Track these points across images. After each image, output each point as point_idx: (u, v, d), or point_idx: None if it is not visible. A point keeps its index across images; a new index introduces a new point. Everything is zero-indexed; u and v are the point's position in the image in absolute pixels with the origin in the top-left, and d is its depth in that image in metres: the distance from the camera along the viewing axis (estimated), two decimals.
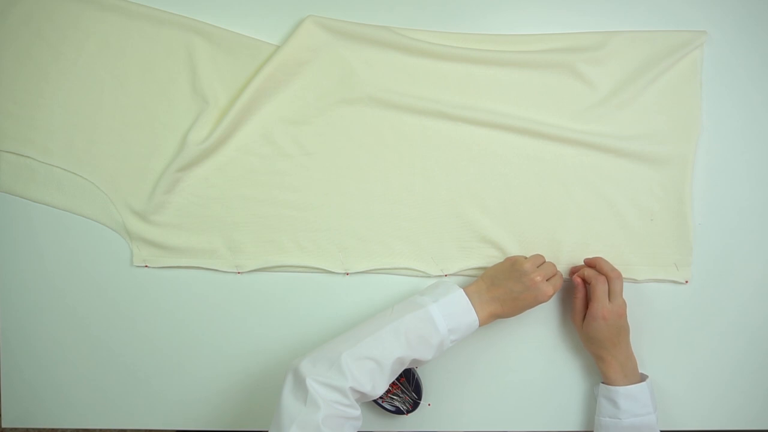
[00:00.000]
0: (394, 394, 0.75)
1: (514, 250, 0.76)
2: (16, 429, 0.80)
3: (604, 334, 0.71)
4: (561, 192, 0.76)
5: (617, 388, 0.71)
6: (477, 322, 0.68)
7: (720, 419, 0.78)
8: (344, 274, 0.77)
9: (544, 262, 0.73)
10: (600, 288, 0.71)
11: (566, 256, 0.76)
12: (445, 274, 0.77)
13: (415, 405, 0.75)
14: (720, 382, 0.78)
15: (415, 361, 0.66)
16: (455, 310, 0.67)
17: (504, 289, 0.70)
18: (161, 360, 0.78)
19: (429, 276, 0.77)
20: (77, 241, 0.78)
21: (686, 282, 0.77)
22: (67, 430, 0.80)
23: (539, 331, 0.78)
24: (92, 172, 0.77)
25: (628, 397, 0.71)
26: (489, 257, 0.77)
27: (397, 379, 0.74)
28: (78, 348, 0.79)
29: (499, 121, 0.75)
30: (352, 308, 0.78)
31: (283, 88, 0.76)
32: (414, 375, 0.75)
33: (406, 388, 0.75)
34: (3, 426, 0.79)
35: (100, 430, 0.80)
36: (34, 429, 0.80)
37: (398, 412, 0.75)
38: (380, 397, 0.75)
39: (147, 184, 0.77)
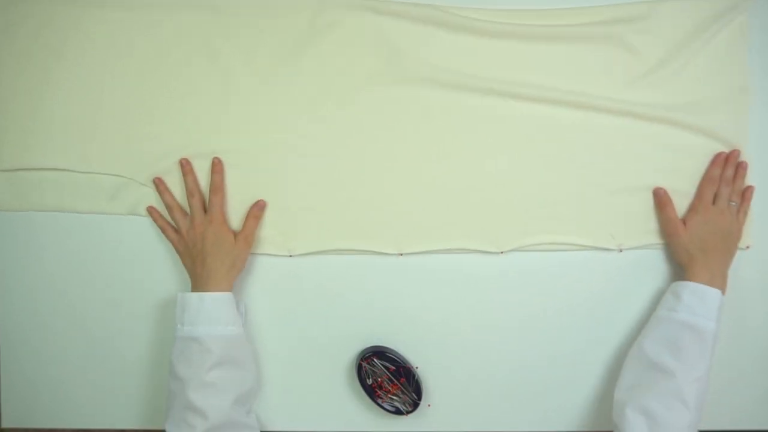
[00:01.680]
0: (394, 395, 0.75)
1: (572, 226, 0.76)
2: (16, 429, 0.80)
3: (703, 232, 0.71)
4: (614, 164, 0.76)
5: (688, 282, 0.69)
6: (207, 296, 0.70)
7: (718, 419, 0.78)
8: (398, 255, 0.77)
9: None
10: (708, 189, 0.73)
11: (625, 227, 0.76)
12: (501, 251, 0.76)
13: (415, 405, 0.75)
14: (718, 382, 0.78)
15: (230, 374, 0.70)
16: (191, 310, 0.70)
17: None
18: (161, 360, 0.78)
19: (486, 253, 0.76)
20: (77, 241, 0.78)
21: (747, 248, 0.76)
22: (67, 430, 0.79)
23: (540, 332, 0.78)
24: (133, 170, 0.76)
25: (695, 294, 0.69)
26: (546, 233, 0.76)
27: (397, 379, 0.74)
28: (78, 348, 0.79)
29: (549, 95, 0.76)
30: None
31: (329, 69, 0.76)
32: (414, 375, 0.75)
33: (406, 389, 0.75)
34: (3, 426, 0.79)
35: (100, 430, 0.80)
36: (34, 429, 0.79)
37: (398, 412, 0.75)
38: (380, 398, 0.75)
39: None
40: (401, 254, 0.77)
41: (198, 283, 0.72)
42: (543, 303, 0.77)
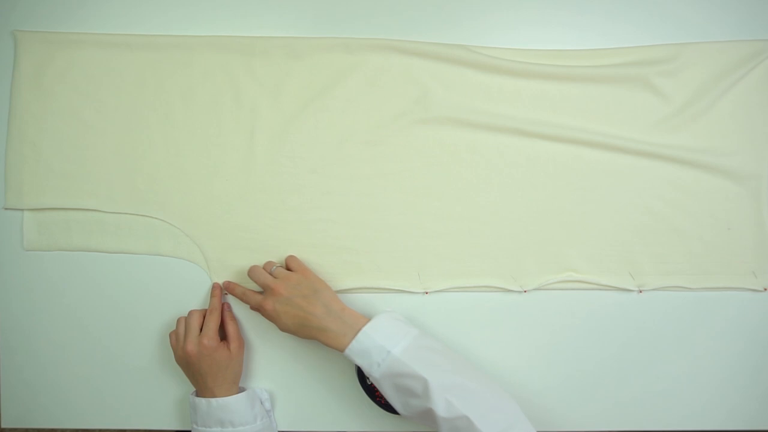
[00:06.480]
0: None
1: (592, 265, 0.76)
2: (16, 429, 0.80)
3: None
4: (638, 205, 0.76)
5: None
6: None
7: (718, 420, 0.78)
8: (423, 293, 0.77)
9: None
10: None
11: (646, 267, 0.76)
12: (525, 290, 0.77)
13: None
14: (717, 381, 0.78)
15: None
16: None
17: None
18: (161, 360, 0.78)
19: (509, 291, 0.77)
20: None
21: (765, 290, 0.77)
22: (67, 430, 0.80)
23: (540, 332, 0.78)
24: (160, 210, 0.77)
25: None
26: (568, 272, 0.77)
27: None
28: (78, 348, 0.79)
29: (574, 136, 0.76)
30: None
31: (356, 109, 0.76)
32: None
33: None
34: (3, 426, 0.79)
35: (100, 430, 0.80)
36: (34, 429, 0.80)
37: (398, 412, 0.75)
38: (380, 398, 0.75)
39: (218, 210, 0.77)
40: (427, 292, 0.77)
41: (202, 394, 0.73)
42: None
